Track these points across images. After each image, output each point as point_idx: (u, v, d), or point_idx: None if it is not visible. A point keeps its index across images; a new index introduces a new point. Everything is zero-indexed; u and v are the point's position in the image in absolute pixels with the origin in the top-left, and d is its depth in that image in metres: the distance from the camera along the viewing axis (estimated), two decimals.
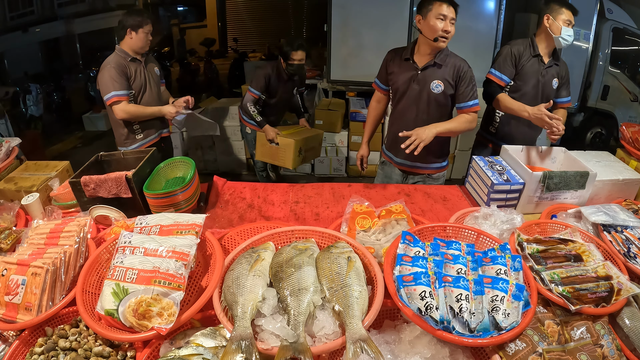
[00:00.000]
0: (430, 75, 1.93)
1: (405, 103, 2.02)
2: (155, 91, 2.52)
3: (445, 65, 1.92)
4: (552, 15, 2.11)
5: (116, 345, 1.02)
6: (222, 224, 1.59)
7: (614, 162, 1.85)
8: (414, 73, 1.95)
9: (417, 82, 1.95)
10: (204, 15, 7.93)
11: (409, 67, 1.96)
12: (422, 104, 1.97)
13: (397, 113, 2.09)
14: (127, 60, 2.33)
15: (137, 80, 2.38)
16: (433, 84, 1.93)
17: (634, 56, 4.38)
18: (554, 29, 2.11)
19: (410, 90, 1.98)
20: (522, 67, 2.19)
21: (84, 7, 5.61)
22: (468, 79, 1.92)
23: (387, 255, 1.12)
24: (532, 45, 2.20)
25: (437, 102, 1.96)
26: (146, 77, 2.43)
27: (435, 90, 1.93)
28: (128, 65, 2.32)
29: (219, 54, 7.60)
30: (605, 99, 4.54)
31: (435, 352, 0.96)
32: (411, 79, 1.96)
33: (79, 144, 5.34)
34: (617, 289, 1.09)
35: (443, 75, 1.92)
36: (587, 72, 4.37)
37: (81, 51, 5.85)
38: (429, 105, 1.97)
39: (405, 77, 1.98)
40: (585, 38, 4.21)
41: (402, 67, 1.99)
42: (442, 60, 1.91)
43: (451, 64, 1.91)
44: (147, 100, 2.46)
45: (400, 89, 2.01)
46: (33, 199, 1.53)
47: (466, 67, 1.92)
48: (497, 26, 4.15)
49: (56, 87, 5.41)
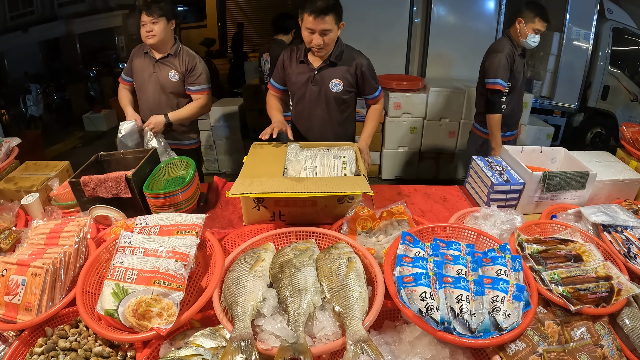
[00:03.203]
0: (327, 75, 1.90)
1: (305, 104, 2.00)
2: (159, 98, 2.25)
3: (342, 62, 1.89)
4: (524, 20, 2.31)
5: (116, 345, 1.02)
6: (222, 224, 1.59)
7: (614, 162, 1.84)
8: (310, 74, 1.92)
9: (315, 83, 1.93)
10: (204, 15, 7.93)
11: (305, 68, 1.93)
12: (322, 104, 1.96)
13: (298, 114, 2.07)
14: (141, 51, 2.26)
15: (137, 74, 2.26)
16: (332, 83, 1.91)
17: (634, 56, 4.38)
18: (522, 33, 2.34)
19: (309, 91, 1.96)
20: (515, 69, 2.37)
21: (84, 7, 5.61)
22: (370, 72, 1.90)
23: (387, 256, 1.12)
24: (514, 45, 2.38)
25: (338, 101, 1.95)
26: (148, 77, 2.22)
27: (335, 90, 1.91)
28: (140, 55, 2.26)
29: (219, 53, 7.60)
30: (605, 99, 4.54)
31: (436, 353, 0.96)
32: (308, 81, 1.93)
33: (79, 144, 5.34)
34: (617, 289, 1.09)
35: (341, 74, 1.89)
36: (587, 72, 4.37)
37: (81, 51, 5.85)
38: (328, 105, 1.96)
39: (302, 78, 1.95)
40: (585, 38, 4.21)
41: (299, 69, 1.95)
42: (338, 59, 1.89)
43: (349, 61, 1.89)
44: (142, 101, 2.29)
45: (298, 91, 1.99)
46: (33, 199, 1.53)
47: (365, 61, 1.90)
48: (497, 26, 4.17)
49: (56, 87, 5.41)
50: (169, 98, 2.25)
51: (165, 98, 2.25)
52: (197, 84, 2.24)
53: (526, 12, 2.30)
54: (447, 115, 4.01)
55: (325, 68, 1.91)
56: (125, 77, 2.35)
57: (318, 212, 1.46)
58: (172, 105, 2.27)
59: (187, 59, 2.21)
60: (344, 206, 1.45)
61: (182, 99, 2.29)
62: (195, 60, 2.23)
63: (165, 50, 2.19)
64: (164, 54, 2.19)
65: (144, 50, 2.23)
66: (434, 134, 4.09)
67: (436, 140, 4.12)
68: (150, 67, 2.21)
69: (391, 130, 4.06)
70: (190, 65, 2.21)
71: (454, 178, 4.22)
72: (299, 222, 1.36)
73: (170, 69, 2.19)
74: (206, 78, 2.26)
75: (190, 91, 2.26)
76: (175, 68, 2.20)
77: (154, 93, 2.24)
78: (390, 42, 4.24)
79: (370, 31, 4.17)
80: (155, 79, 2.22)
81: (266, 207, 1.45)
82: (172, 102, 2.27)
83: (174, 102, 2.27)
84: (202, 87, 2.25)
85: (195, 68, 2.21)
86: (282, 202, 1.43)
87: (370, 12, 4.13)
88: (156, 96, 2.25)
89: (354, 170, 1.57)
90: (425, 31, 4.22)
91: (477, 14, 4.19)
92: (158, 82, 2.22)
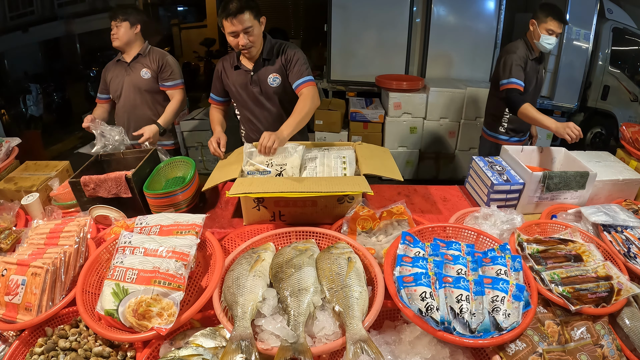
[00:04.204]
0: (263, 72, 1.90)
1: (249, 107, 2.00)
2: (133, 98, 2.28)
3: (275, 56, 1.89)
4: (537, 22, 2.23)
5: (116, 345, 1.02)
6: (222, 224, 1.59)
7: (614, 162, 1.84)
8: (247, 77, 1.92)
9: (254, 84, 1.92)
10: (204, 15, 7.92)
11: (241, 73, 1.93)
12: (266, 103, 1.96)
13: (246, 118, 2.07)
14: (114, 62, 2.30)
15: (113, 84, 2.29)
16: (269, 79, 1.90)
17: (634, 56, 4.38)
18: (535, 35, 2.25)
19: (249, 94, 1.96)
20: (528, 71, 2.29)
21: (84, 7, 5.61)
22: (297, 58, 1.88)
23: (387, 255, 1.12)
24: (529, 48, 2.30)
25: (279, 94, 1.95)
26: (123, 82, 2.27)
27: (274, 84, 1.91)
28: (110, 68, 2.30)
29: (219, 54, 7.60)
30: (605, 99, 4.54)
31: (436, 353, 0.96)
32: (247, 84, 1.93)
33: (79, 144, 5.33)
34: (617, 289, 1.09)
35: (277, 68, 1.89)
36: (587, 72, 4.37)
37: (81, 51, 5.85)
38: (272, 101, 1.96)
39: (241, 83, 1.94)
40: (585, 38, 4.21)
41: (235, 75, 1.94)
42: (270, 54, 1.88)
43: (277, 53, 1.89)
44: (120, 106, 2.32)
45: (240, 96, 1.98)
46: (33, 199, 1.53)
47: (292, 48, 1.90)
48: (497, 26, 4.17)
49: (56, 87, 5.40)
50: (144, 96, 2.30)
51: (140, 97, 2.29)
52: (172, 79, 2.30)
53: (538, 13, 2.22)
54: (447, 115, 4.01)
55: (260, 67, 1.90)
56: (101, 96, 2.36)
57: (318, 212, 1.47)
58: (148, 103, 2.32)
59: (156, 56, 2.27)
60: (344, 206, 1.45)
61: (157, 96, 2.33)
62: (166, 57, 2.29)
63: (135, 52, 2.25)
64: (134, 55, 2.25)
65: (117, 59, 2.30)
66: (434, 134, 4.09)
67: (436, 140, 4.12)
68: (123, 72, 2.27)
69: (391, 130, 4.06)
70: (161, 62, 2.26)
71: (454, 178, 4.22)
72: (299, 222, 1.36)
73: (141, 67, 2.25)
74: (179, 73, 2.34)
75: (165, 87, 2.30)
76: (147, 66, 2.25)
77: (129, 94, 2.29)
78: (390, 42, 4.24)
79: (370, 31, 4.17)
80: (128, 80, 2.27)
81: (266, 207, 1.45)
82: (147, 100, 2.31)
83: (149, 100, 2.32)
84: (177, 82, 2.32)
85: (166, 64, 2.27)
86: (282, 202, 1.43)
87: (370, 12, 4.13)
88: (131, 96, 2.29)
89: (354, 170, 1.57)
90: (425, 31, 4.21)
91: (477, 14, 4.19)
92: (131, 83, 2.27)
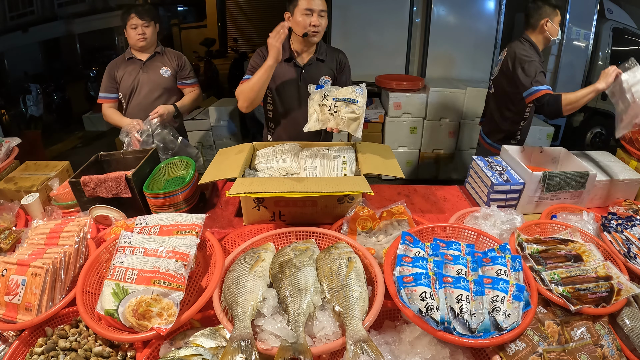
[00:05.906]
0: (316, 72, 1.88)
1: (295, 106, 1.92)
2: (149, 95, 2.27)
3: (328, 59, 1.89)
4: (550, 19, 2.16)
5: (116, 345, 1.02)
6: (222, 224, 1.59)
7: (614, 162, 1.84)
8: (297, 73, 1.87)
9: (303, 81, 1.84)
10: (204, 15, 7.92)
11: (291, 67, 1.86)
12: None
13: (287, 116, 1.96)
14: (124, 59, 2.27)
15: (125, 82, 2.24)
16: (322, 80, 1.89)
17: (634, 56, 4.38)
18: (552, 32, 2.17)
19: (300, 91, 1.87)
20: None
21: (84, 7, 5.61)
22: (347, 69, 1.93)
23: (387, 255, 1.12)
24: (536, 49, 2.23)
25: None
26: (139, 80, 2.24)
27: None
28: (120, 66, 2.26)
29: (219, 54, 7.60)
30: (605, 99, 4.53)
31: (436, 353, 0.96)
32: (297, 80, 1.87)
33: (79, 144, 5.34)
34: (617, 289, 1.09)
35: (328, 70, 1.89)
36: (587, 72, 4.37)
37: (81, 51, 5.85)
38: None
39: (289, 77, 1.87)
40: (585, 38, 4.21)
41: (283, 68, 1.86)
42: (324, 55, 1.88)
43: (332, 57, 1.90)
44: (135, 104, 2.27)
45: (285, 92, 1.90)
46: (33, 199, 1.53)
47: (345, 58, 1.92)
48: (497, 26, 4.16)
49: (56, 87, 5.41)
50: (162, 94, 2.30)
51: (157, 95, 2.29)
52: (190, 78, 2.39)
53: (548, 10, 2.15)
54: (447, 115, 4.01)
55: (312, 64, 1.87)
56: (108, 95, 2.29)
57: (318, 212, 1.46)
58: (165, 101, 2.30)
59: (174, 56, 2.34)
60: (344, 206, 1.45)
61: (174, 94, 2.36)
62: (183, 57, 2.38)
63: (152, 51, 2.27)
64: (150, 54, 2.26)
65: (127, 57, 2.27)
66: (434, 134, 4.08)
67: (436, 140, 4.12)
68: (138, 70, 2.25)
69: (391, 130, 4.06)
70: (180, 62, 2.34)
71: (454, 178, 4.22)
72: (299, 222, 1.36)
73: (160, 66, 2.27)
74: (194, 72, 2.44)
75: (184, 85, 2.38)
76: (166, 64, 2.27)
77: (147, 93, 2.27)
78: (390, 42, 4.24)
79: (370, 31, 4.18)
80: (146, 79, 2.26)
81: (266, 207, 1.45)
82: (164, 98, 2.31)
83: (166, 98, 2.32)
84: (194, 80, 2.42)
85: (185, 63, 2.36)
86: (282, 202, 1.43)
87: (370, 12, 4.13)
88: (149, 95, 2.27)
89: (354, 170, 1.57)
90: (425, 31, 4.22)
91: (477, 14, 4.19)
92: (149, 81, 2.26)
